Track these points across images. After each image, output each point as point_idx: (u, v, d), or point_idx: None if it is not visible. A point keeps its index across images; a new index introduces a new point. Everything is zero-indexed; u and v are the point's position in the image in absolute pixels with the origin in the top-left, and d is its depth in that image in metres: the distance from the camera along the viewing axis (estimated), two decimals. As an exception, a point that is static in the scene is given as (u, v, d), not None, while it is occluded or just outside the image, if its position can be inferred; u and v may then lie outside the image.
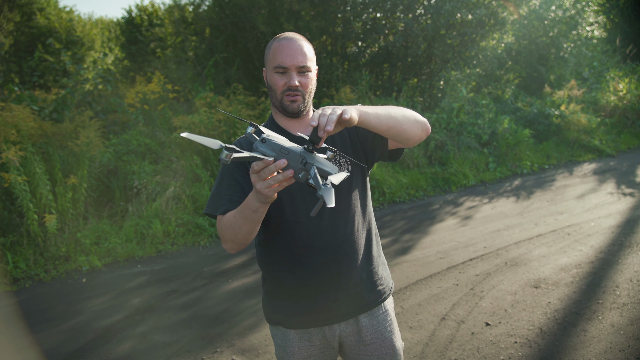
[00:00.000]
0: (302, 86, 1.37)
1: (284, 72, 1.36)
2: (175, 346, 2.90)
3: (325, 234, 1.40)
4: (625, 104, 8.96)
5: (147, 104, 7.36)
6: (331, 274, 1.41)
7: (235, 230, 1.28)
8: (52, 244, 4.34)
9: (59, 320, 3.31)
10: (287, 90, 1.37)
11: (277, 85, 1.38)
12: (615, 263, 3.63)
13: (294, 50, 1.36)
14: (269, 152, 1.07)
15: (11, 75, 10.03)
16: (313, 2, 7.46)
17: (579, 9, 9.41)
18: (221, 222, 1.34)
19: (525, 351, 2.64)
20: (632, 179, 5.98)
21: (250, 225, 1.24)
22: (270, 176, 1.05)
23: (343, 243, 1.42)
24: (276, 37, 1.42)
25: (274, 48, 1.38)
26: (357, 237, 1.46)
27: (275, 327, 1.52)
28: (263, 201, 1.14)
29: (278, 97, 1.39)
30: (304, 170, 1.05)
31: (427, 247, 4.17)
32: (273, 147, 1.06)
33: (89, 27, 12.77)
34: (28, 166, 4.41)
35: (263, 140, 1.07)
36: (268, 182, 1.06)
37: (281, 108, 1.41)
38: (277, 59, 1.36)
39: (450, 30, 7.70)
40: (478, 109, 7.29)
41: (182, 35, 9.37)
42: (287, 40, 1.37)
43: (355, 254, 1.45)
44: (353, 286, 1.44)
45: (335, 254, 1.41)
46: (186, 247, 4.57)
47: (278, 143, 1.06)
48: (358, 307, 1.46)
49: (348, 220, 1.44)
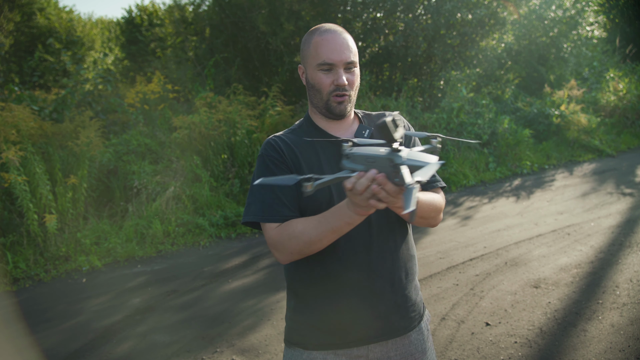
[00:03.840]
0: (349, 84, 1.25)
1: (330, 69, 1.23)
2: (175, 346, 2.90)
3: (362, 252, 1.28)
4: (625, 104, 8.96)
5: (147, 104, 7.36)
6: (364, 295, 1.28)
7: (312, 242, 1.15)
8: (52, 244, 4.34)
9: (59, 320, 3.31)
10: (335, 90, 1.24)
11: (322, 85, 1.24)
12: (615, 263, 3.63)
13: (340, 44, 1.23)
14: (357, 167, 1.02)
15: (11, 75, 10.03)
16: (313, 2, 7.46)
17: (579, 9, 9.41)
18: (282, 231, 1.19)
19: (525, 351, 2.64)
20: (632, 179, 5.98)
21: (335, 237, 1.15)
22: (364, 189, 0.97)
23: (379, 262, 1.29)
24: (314, 29, 1.28)
25: (315, 42, 1.24)
26: (396, 255, 1.33)
27: (294, 348, 1.36)
28: (362, 213, 1.05)
29: (324, 98, 1.26)
30: (396, 173, 0.96)
31: (427, 247, 4.17)
32: (358, 160, 1.01)
33: (89, 27, 12.77)
34: (28, 166, 4.41)
35: (347, 156, 1.04)
36: (365, 195, 0.97)
37: (326, 109, 1.28)
38: (321, 54, 1.22)
39: (450, 30, 7.70)
40: (478, 109, 7.29)
41: (182, 35, 9.37)
42: (330, 33, 1.24)
43: (390, 275, 1.31)
44: (385, 310, 1.30)
45: (371, 272, 1.28)
46: (186, 247, 4.57)
47: (362, 154, 1.01)
48: (386, 331, 1.32)
49: (389, 236, 1.31)
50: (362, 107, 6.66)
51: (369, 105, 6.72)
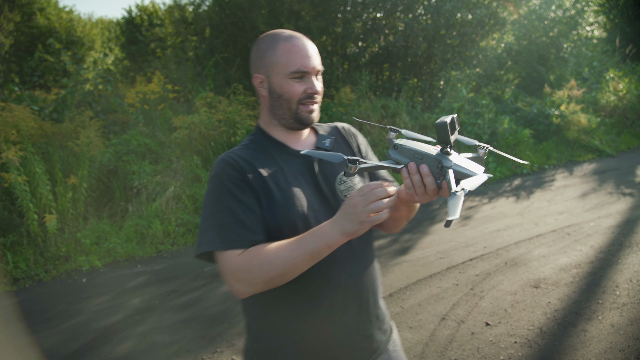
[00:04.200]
0: (319, 92, 1.19)
1: (302, 77, 1.16)
2: (175, 346, 2.90)
3: (346, 265, 1.18)
4: (625, 104, 8.95)
5: (147, 104, 7.35)
6: (350, 313, 1.19)
7: (287, 268, 1.00)
8: (52, 244, 4.34)
9: (59, 320, 3.31)
10: (306, 98, 1.17)
11: (293, 93, 1.15)
12: (615, 263, 3.63)
13: (311, 51, 1.17)
14: (402, 159, 0.99)
15: (11, 75, 10.03)
16: (313, 2, 7.46)
17: (579, 9, 9.41)
18: (249, 258, 1.03)
19: (525, 351, 2.64)
20: (632, 179, 5.98)
21: (310, 263, 1.00)
22: (386, 197, 0.93)
23: (363, 274, 1.22)
24: (273, 35, 1.18)
25: (284, 49, 1.15)
26: (372, 266, 1.26)
27: None
28: (357, 232, 0.96)
29: (293, 108, 1.17)
30: (442, 175, 0.95)
31: (427, 247, 4.17)
32: (406, 153, 0.98)
33: (89, 27, 12.77)
34: (28, 166, 4.41)
35: (395, 146, 1.00)
36: (380, 204, 0.93)
37: (295, 120, 1.19)
38: (294, 62, 1.14)
39: (450, 30, 7.70)
40: (478, 109, 7.29)
41: (182, 36, 9.37)
42: (297, 39, 1.17)
43: (372, 286, 1.25)
44: (369, 327, 1.24)
45: (356, 288, 1.20)
46: (186, 247, 4.57)
47: (412, 148, 0.98)
48: (371, 350, 1.24)
49: (367, 247, 1.25)
50: (362, 107, 6.65)
51: (369, 105, 6.71)
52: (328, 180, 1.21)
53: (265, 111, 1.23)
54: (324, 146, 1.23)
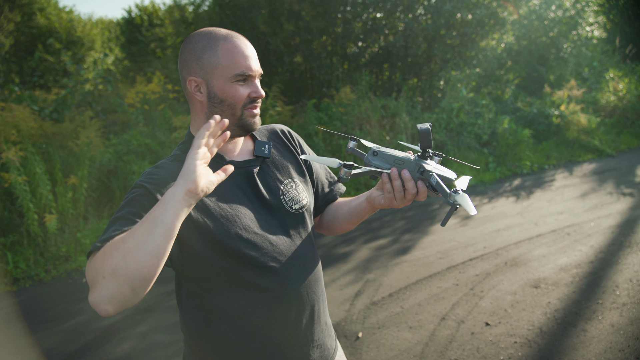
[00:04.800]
0: (263, 96, 1.12)
1: (245, 80, 1.07)
2: (175, 346, 2.90)
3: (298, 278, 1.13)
4: (625, 104, 8.96)
5: (147, 104, 7.35)
6: (304, 325, 1.15)
7: (129, 244, 0.84)
8: (52, 244, 4.34)
9: (59, 320, 3.31)
10: (250, 103, 1.09)
11: (238, 98, 1.07)
12: (615, 263, 3.63)
13: (252, 51, 1.09)
14: (383, 165, 1.02)
15: (11, 75, 10.03)
16: (313, 2, 7.46)
17: (578, 9, 9.41)
18: (102, 251, 0.87)
19: (525, 351, 2.64)
20: (632, 179, 5.98)
21: (166, 243, 0.85)
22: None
23: (314, 285, 1.17)
24: (210, 34, 1.07)
25: (226, 50, 1.05)
26: (320, 273, 1.21)
27: None
28: (195, 180, 0.88)
29: (237, 113, 1.08)
30: (422, 180, 1.00)
31: (427, 247, 4.17)
32: (387, 159, 1.02)
33: (89, 28, 12.76)
34: (28, 166, 4.41)
35: (374, 153, 1.03)
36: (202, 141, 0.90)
37: (239, 126, 1.10)
38: (238, 64, 1.05)
39: (450, 30, 7.70)
40: (478, 109, 7.29)
41: (182, 36, 9.37)
42: (237, 38, 1.08)
43: (322, 295, 1.21)
44: (321, 336, 1.20)
45: (309, 300, 1.15)
46: (186, 247, 4.57)
47: (391, 154, 1.02)
48: (324, 358, 1.21)
49: (314, 253, 1.20)
50: (362, 107, 6.65)
51: (369, 106, 6.71)
52: (272, 191, 1.16)
53: (200, 117, 1.11)
54: (263, 153, 1.16)
